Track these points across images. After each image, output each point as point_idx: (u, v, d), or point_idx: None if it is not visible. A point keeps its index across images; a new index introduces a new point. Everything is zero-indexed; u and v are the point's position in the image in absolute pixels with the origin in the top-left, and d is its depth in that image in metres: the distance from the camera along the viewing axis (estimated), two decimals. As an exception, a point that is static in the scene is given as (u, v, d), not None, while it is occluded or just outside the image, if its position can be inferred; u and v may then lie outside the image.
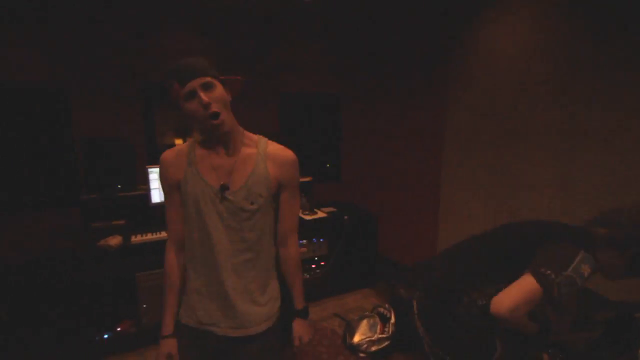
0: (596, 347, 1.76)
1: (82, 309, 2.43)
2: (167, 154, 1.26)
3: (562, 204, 2.38)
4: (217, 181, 1.21)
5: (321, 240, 3.24)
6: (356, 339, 2.59)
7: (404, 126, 3.67)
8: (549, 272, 1.15)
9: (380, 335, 2.55)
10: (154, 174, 2.80)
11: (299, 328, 1.40)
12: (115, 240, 2.57)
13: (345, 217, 3.27)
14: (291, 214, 1.34)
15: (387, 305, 2.75)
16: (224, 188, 1.20)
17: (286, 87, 3.92)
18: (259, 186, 1.23)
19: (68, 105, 3.08)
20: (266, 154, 1.26)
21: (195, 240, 1.24)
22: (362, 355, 2.51)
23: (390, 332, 2.56)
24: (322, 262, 3.28)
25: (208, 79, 1.13)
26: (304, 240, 3.16)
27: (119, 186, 2.85)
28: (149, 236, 2.64)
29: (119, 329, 2.55)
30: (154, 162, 2.98)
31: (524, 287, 1.16)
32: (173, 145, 3.59)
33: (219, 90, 1.15)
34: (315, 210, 3.34)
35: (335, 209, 3.46)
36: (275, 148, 1.29)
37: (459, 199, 3.16)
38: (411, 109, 3.57)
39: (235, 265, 1.23)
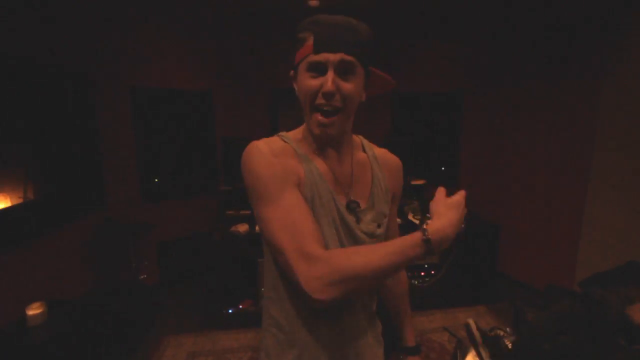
0: None
1: (212, 284, 2.74)
2: (265, 143, 0.86)
3: None
4: (342, 194, 0.89)
5: (432, 247, 3.05)
6: None
7: (539, 125, 3.20)
8: None
9: (498, 362, 2.24)
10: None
11: None
12: (243, 228, 2.83)
13: (462, 225, 2.99)
14: (396, 230, 1.04)
15: (508, 329, 2.41)
16: (353, 206, 0.88)
17: (401, 87, 3.78)
18: (382, 202, 0.94)
19: (212, 108, 3.50)
20: (376, 159, 0.98)
21: None
22: (475, 379, 2.24)
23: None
24: (432, 270, 3.09)
25: (352, 59, 0.79)
26: (414, 246, 3.00)
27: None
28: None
29: (241, 306, 2.80)
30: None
31: None
32: None
33: (358, 81, 0.82)
34: (427, 215, 3.12)
35: (449, 215, 3.21)
36: (380, 151, 1.01)
37: (611, 215, 2.60)
38: (550, 107, 3.09)
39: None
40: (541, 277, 3.13)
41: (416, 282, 3.03)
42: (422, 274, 3.09)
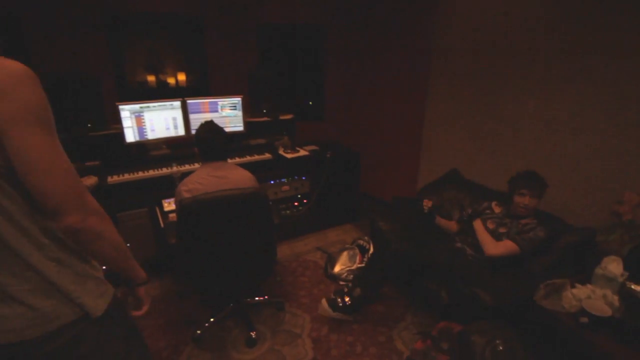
0: (553, 268, 1.82)
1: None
2: None
3: (544, 140, 2.32)
4: None
5: (303, 178, 3.19)
6: (336, 269, 2.66)
7: (389, 66, 3.48)
8: None
9: (359, 265, 2.61)
10: (126, 112, 2.60)
11: None
12: (90, 181, 2.44)
13: (328, 154, 3.19)
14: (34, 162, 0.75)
15: (366, 238, 2.78)
16: None
17: (266, 18, 3.58)
18: None
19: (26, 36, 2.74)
20: None
21: None
22: (341, 283, 2.58)
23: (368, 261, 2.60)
24: (304, 199, 3.25)
25: None
26: (285, 179, 3.10)
27: (89, 125, 2.64)
28: (126, 176, 2.52)
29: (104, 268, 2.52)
30: (126, 99, 2.75)
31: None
32: (145, 82, 3.33)
33: None
34: (297, 148, 3.24)
35: (317, 147, 3.37)
36: None
37: (441, 138, 3.10)
38: (397, 48, 3.36)
39: None
40: (393, 192, 3.62)
41: (289, 212, 3.17)
42: (296, 204, 3.23)
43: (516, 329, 1.57)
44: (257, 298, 2.34)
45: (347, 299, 2.23)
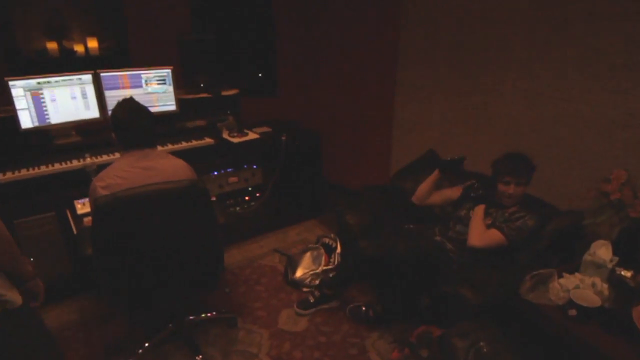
0: (540, 257, 1.94)
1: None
2: None
3: (527, 113, 2.43)
4: None
5: (254, 167, 3.17)
6: (298, 273, 2.68)
7: (354, 32, 3.49)
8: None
9: (325, 267, 2.66)
10: (18, 89, 2.43)
11: None
12: None
13: (283, 137, 3.18)
14: None
15: (332, 235, 2.84)
16: None
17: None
18: None
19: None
20: None
21: None
22: (305, 289, 2.61)
23: (335, 262, 2.67)
24: (257, 192, 3.24)
25: None
26: (233, 168, 3.05)
27: (-31, 107, 2.45)
28: (24, 172, 2.38)
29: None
30: (18, 73, 2.56)
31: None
32: (44, 50, 3.10)
33: None
34: (245, 131, 3.21)
35: (270, 129, 3.35)
36: None
37: (415, 115, 3.17)
38: (362, 13, 3.37)
39: None
40: (363, 180, 3.68)
41: (238, 209, 3.14)
42: (247, 198, 3.21)
43: (502, 327, 1.65)
44: (202, 315, 2.31)
45: (317, 293, 2.38)
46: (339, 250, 2.71)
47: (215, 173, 2.98)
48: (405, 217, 2.54)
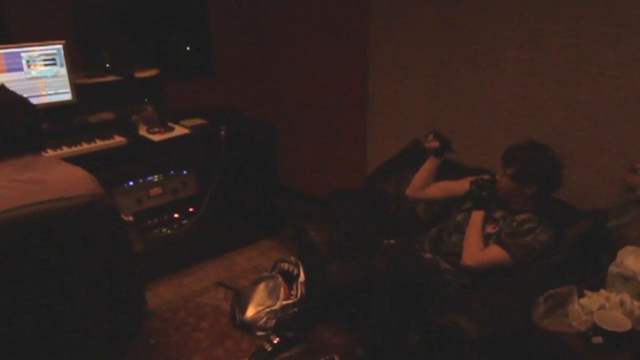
0: (556, 272, 2.00)
1: None
2: None
3: (533, 92, 2.50)
4: None
5: (184, 172, 3.17)
6: (250, 312, 2.67)
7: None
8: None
9: (284, 302, 2.65)
10: None
11: None
12: None
13: (222, 131, 3.18)
14: None
15: (293, 259, 2.85)
16: None
17: None
18: None
19: None
20: None
21: None
22: (259, 333, 2.60)
23: (298, 294, 2.67)
24: (190, 207, 3.24)
25: None
26: (155, 176, 3.04)
27: None
28: None
29: None
30: None
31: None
32: None
33: None
34: (171, 124, 3.17)
35: (204, 121, 3.32)
36: None
37: (393, 94, 3.23)
38: None
39: None
40: (330, 185, 3.68)
41: (166, 230, 3.13)
42: (177, 215, 3.18)
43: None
44: (120, 377, 2.27)
45: (275, 340, 2.37)
46: (302, 278, 2.70)
47: (131, 183, 2.94)
48: (387, 229, 2.58)
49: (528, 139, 2.20)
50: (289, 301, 2.66)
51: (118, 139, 2.90)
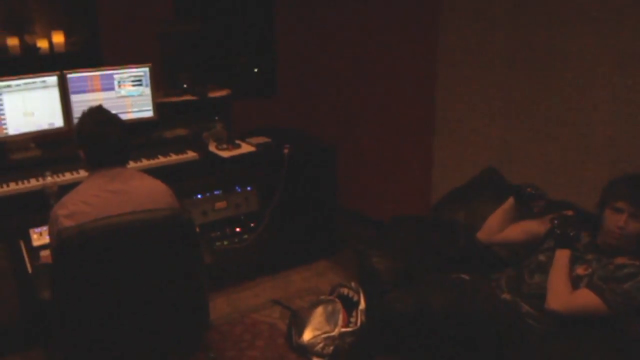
0: None
1: None
2: None
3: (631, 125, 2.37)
4: None
5: (248, 189, 3.21)
6: (307, 335, 2.64)
7: (379, 12, 3.55)
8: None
9: (343, 329, 2.60)
10: None
11: None
12: None
13: (285, 150, 3.23)
14: None
15: (353, 284, 2.77)
16: None
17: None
18: None
19: None
20: None
21: None
22: (315, 359, 2.58)
23: (358, 322, 2.61)
24: (252, 222, 3.27)
25: None
26: (220, 191, 3.11)
27: None
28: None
29: None
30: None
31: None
32: (3, 47, 3.21)
33: None
34: (237, 142, 3.28)
35: (268, 139, 3.41)
36: None
37: (466, 118, 3.18)
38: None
39: None
40: (393, 209, 3.67)
41: (226, 244, 3.16)
42: (238, 230, 3.23)
43: None
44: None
45: None
46: (362, 306, 2.63)
47: (199, 196, 3.02)
48: (456, 262, 2.49)
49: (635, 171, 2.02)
50: (348, 329, 2.59)
51: (190, 154, 3.07)
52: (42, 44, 3.27)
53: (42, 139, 2.89)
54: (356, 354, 2.37)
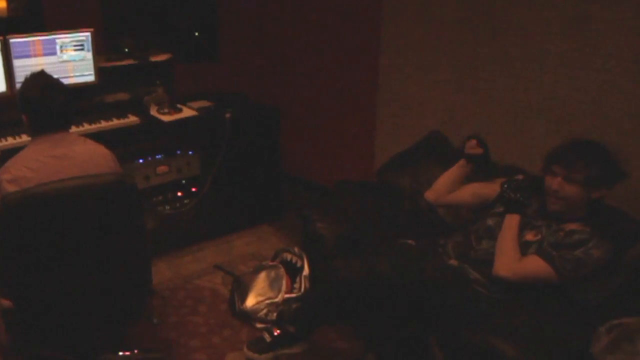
0: (620, 297, 1.88)
1: None
2: None
3: (574, 88, 2.41)
4: None
5: (190, 152, 3.21)
6: (250, 302, 2.65)
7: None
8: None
9: (287, 295, 2.63)
10: None
11: None
12: None
13: (227, 114, 3.23)
14: None
15: (297, 250, 2.81)
16: None
17: None
18: None
19: None
20: None
21: None
22: (259, 325, 2.58)
23: (302, 289, 2.66)
24: (193, 187, 3.27)
25: None
26: (161, 155, 3.09)
27: None
28: None
29: None
30: None
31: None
32: None
33: None
34: (179, 106, 3.29)
35: (211, 103, 3.40)
36: None
37: (409, 83, 3.20)
38: None
39: None
40: (336, 174, 3.68)
41: (168, 208, 3.15)
42: (180, 194, 3.22)
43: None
44: (120, 353, 2.30)
45: (276, 332, 2.29)
46: (306, 272, 2.68)
47: (141, 161, 3.00)
48: (401, 227, 2.50)
49: (575, 137, 2.00)
50: (292, 295, 2.62)
51: (132, 118, 3.07)
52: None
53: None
54: (300, 319, 2.31)
